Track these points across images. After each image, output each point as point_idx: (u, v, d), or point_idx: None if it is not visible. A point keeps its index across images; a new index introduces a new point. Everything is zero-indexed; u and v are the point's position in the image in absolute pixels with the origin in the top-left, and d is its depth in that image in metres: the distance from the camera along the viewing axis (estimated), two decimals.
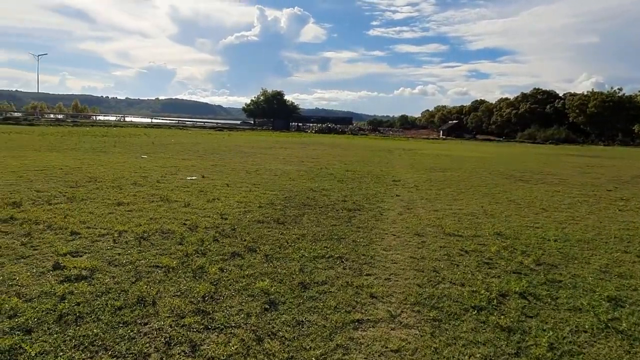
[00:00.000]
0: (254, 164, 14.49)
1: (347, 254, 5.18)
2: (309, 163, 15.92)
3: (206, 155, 17.31)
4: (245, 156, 17.59)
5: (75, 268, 4.14)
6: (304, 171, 13.19)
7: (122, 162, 13.15)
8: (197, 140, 28.56)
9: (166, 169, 12.07)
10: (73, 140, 21.65)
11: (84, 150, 16.34)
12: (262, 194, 8.82)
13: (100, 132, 32.32)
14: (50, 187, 8.11)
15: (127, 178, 9.83)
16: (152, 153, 16.87)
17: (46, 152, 14.76)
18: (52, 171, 10.17)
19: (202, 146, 22.49)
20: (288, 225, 6.46)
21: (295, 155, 19.55)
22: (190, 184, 9.63)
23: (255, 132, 54.84)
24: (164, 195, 8.00)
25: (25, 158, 12.61)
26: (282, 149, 23.48)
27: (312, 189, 9.90)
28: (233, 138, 34.48)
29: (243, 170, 12.75)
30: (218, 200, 7.94)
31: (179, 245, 5.13)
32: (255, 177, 11.36)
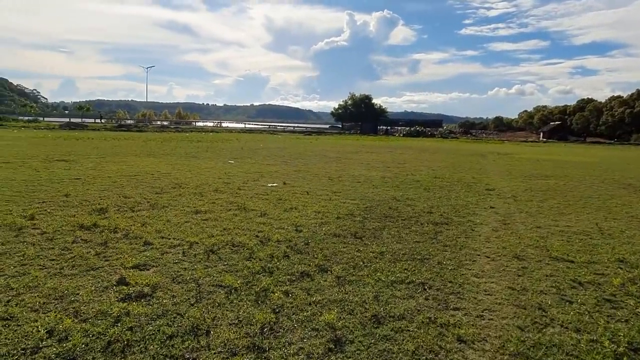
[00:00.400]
0: (337, 170, 14.12)
1: (431, 279, 4.50)
2: (394, 169, 15.18)
3: (291, 160, 17.32)
4: (329, 161, 17.31)
5: (138, 284, 3.98)
6: (389, 178, 12.51)
7: (210, 167, 13.51)
8: (284, 145, 29.04)
9: (250, 174, 12.13)
10: (170, 146, 23.02)
11: (177, 156, 17.18)
12: (341, 203, 8.35)
13: (196, 138, 34.25)
14: (137, 193, 8.39)
15: (210, 184, 9.95)
16: (240, 158, 17.26)
17: (143, 158, 15.71)
18: (143, 177, 10.64)
19: (289, 151, 22.70)
20: (366, 240, 5.90)
21: (381, 160, 18.87)
22: (270, 191, 9.47)
23: (342, 136, 54.85)
24: (241, 203, 7.86)
25: (124, 163, 13.46)
26: (368, 153, 22.91)
27: (396, 198, 9.22)
28: (320, 142, 34.62)
29: (325, 176, 12.42)
30: (295, 209, 7.62)
31: (247, 260, 4.82)
32: (336, 184, 10.95)
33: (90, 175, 10.49)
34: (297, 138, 42.62)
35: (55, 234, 5.47)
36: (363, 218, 7.20)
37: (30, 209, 6.70)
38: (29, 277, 4.05)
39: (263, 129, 69.62)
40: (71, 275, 4.17)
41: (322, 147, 27.60)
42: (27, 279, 3.99)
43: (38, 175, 10.23)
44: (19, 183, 8.99)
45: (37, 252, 4.75)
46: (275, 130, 67.54)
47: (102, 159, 14.54)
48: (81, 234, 5.50)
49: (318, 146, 28.17)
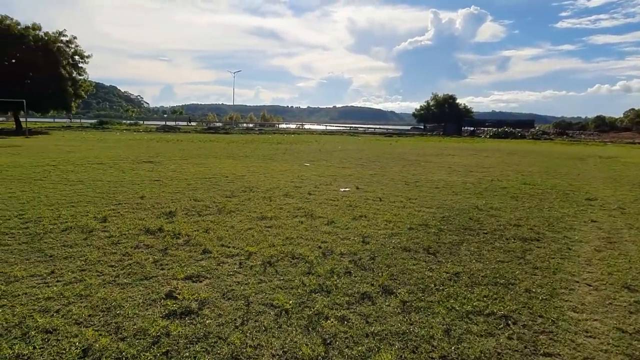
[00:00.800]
0: (414, 174, 13.35)
1: (517, 311, 3.78)
2: (478, 173, 14.03)
3: (367, 163, 16.79)
4: (407, 164, 16.52)
5: (186, 299, 3.76)
6: (471, 183, 11.51)
7: (284, 170, 13.43)
8: (362, 146, 28.53)
9: (323, 178, 11.83)
10: (251, 148, 23.57)
11: (255, 158, 17.43)
12: (416, 212, 7.70)
13: (277, 140, 34.93)
14: (208, 197, 8.41)
15: (281, 188, 9.77)
16: (316, 161, 17.08)
17: (223, 160, 16.10)
18: (218, 179, 10.77)
19: (366, 153, 22.17)
20: (440, 256, 5.26)
21: (464, 163, 17.66)
22: (341, 196, 9.05)
23: (424, 137, 52.96)
24: (309, 209, 7.53)
25: (203, 165, 13.84)
26: (450, 156, 21.65)
27: (478, 207, 8.35)
28: (399, 144, 33.62)
29: (402, 180, 11.74)
30: (365, 218, 7.13)
31: (305, 276, 4.44)
32: (413, 189, 10.25)
33: (169, 177, 10.83)
34: (377, 140, 41.86)
35: (121, 237, 5.52)
36: (439, 230, 6.51)
37: (106, 210, 6.93)
38: (83, 284, 4.01)
39: (343, 130, 69.56)
40: (124, 284, 4.07)
41: (401, 149, 26.69)
42: (81, 287, 3.94)
43: (123, 176, 10.77)
44: (104, 184, 9.48)
45: (99, 257, 4.76)
46: (355, 131, 67.16)
47: (184, 161, 15.12)
48: (145, 239, 5.49)
49: (397, 148, 27.30)
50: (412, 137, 54.45)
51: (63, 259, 4.68)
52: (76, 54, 42.59)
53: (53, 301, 3.65)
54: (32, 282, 4.03)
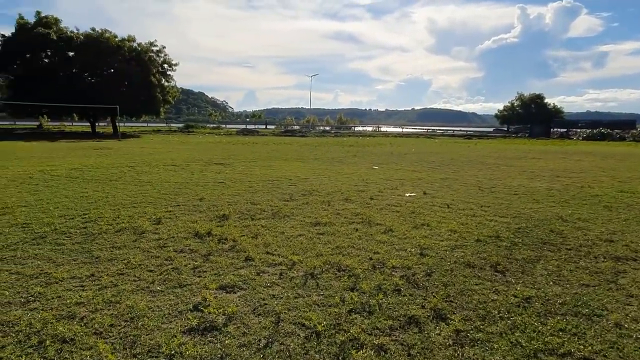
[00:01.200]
0: (491, 179, 12.27)
1: (602, 352, 3.05)
2: (565, 179, 12.59)
3: (440, 166, 15.84)
4: (484, 168, 15.33)
5: (214, 312, 3.49)
6: (556, 190, 10.28)
7: (350, 173, 13.02)
8: (438, 149, 27.27)
9: (389, 182, 11.24)
10: (322, 150, 23.45)
11: (323, 161, 17.20)
12: (487, 221, 6.91)
13: (350, 142, 34.61)
14: (266, 200, 8.24)
15: (343, 192, 9.37)
16: (385, 164, 16.46)
17: (291, 162, 16.06)
18: (280, 182, 10.62)
19: (441, 156, 21.07)
20: (510, 276, 4.54)
21: (550, 167, 16.04)
22: (405, 202, 8.45)
23: (507, 140, 49.67)
24: (368, 216, 7.05)
25: (270, 167, 13.84)
26: (535, 159, 19.86)
27: (562, 217, 7.32)
28: (479, 147, 31.72)
29: (475, 185, 10.81)
30: (427, 226, 6.50)
31: (347, 291, 3.99)
32: (487, 195, 9.34)
33: (233, 179, 10.89)
34: (455, 142, 39.98)
35: (168, 240, 5.45)
36: (511, 243, 5.72)
37: (163, 212, 6.99)
38: (116, 290, 3.91)
39: (420, 132, 67.58)
40: (156, 292, 3.90)
41: (480, 152, 25.09)
42: (113, 292, 3.84)
43: (190, 177, 11.02)
44: (170, 185, 9.72)
45: (141, 261, 4.69)
46: (433, 134, 64.94)
47: (253, 163, 15.28)
48: (191, 243, 5.37)
49: (475, 151, 25.71)
50: (493, 139, 51.37)
51: (107, 261, 4.67)
52: (165, 62, 45.63)
53: (81, 307, 3.56)
54: (69, 285, 4.01)
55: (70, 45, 39.74)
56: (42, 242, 5.26)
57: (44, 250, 4.97)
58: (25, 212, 6.73)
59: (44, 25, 39.07)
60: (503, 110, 71.30)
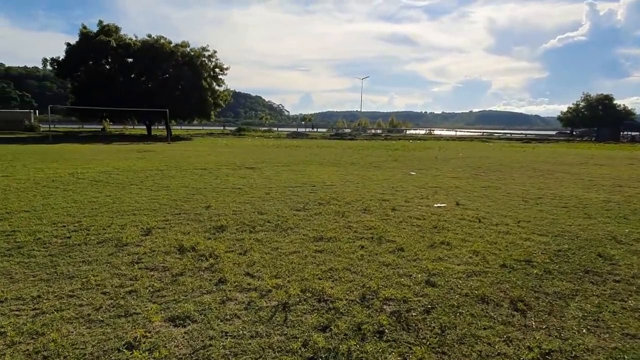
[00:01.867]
0: (540, 188, 10.98)
1: None
2: (629, 189, 11.02)
3: (485, 173, 14.57)
4: (535, 175, 13.90)
5: (144, 355, 2.91)
6: (615, 203, 8.90)
7: (383, 179, 12.17)
8: (489, 153, 25.56)
9: (422, 190, 10.31)
10: (363, 154, 22.63)
11: (360, 165, 16.41)
12: (521, 241, 5.90)
13: (396, 146, 33.43)
14: (275, 209, 7.64)
15: (364, 201, 8.60)
16: (425, 169, 15.40)
17: (326, 167, 15.41)
18: (302, 188, 10.00)
19: (490, 161, 19.60)
20: (532, 317, 3.63)
21: (613, 175, 14.29)
22: (431, 214, 7.54)
23: (569, 144, 46.16)
24: (381, 230, 6.26)
25: (300, 172, 13.27)
26: (597, 166, 17.93)
27: (616, 237, 6.15)
28: (536, 151, 29.51)
29: (519, 196, 9.64)
30: (446, 245, 5.62)
31: (317, 331, 3.29)
32: (530, 208, 8.21)
33: (255, 185, 10.41)
34: (510, 146, 37.61)
35: (145, 255, 4.98)
36: (544, 271, 4.74)
37: (159, 220, 6.58)
38: (52, 316, 3.44)
39: (475, 136, 64.63)
40: (95, 321, 3.39)
41: (535, 157, 23.20)
42: (45, 320, 3.37)
43: (211, 182, 10.67)
44: (187, 190, 9.39)
45: (101, 280, 4.22)
46: (489, 137, 61.88)
47: (285, 167, 14.80)
48: (168, 259, 4.86)
49: (530, 156, 23.81)
50: (555, 143, 48.01)
51: (66, 278, 4.24)
52: (216, 66, 46.59)
53: (0, 339, 3.10)
54: (6, 308, 3.59)
55: (129, 52, 41.53)
56: (15, 253, 4.95)
57: (10, 263, 4.63)
58: (22, 218, 6.55)
59: (105, 34, 41.11)
60: (567, 112, 66.52)
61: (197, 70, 42.78)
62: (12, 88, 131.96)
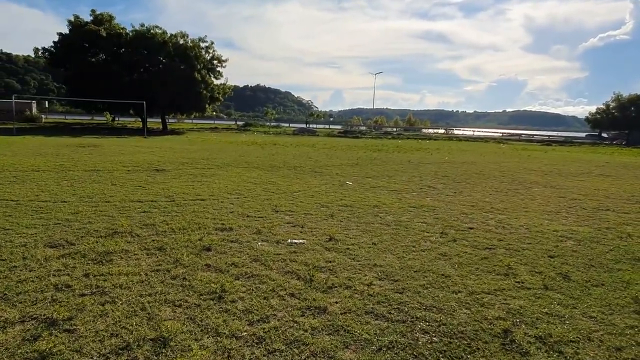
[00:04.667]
0: (491, 210, 8.08)
1: None
2: (614, 215, 7.99)
3: (442, 185, 11.61)
4: (505, 190, 10.89)
5: None
6: (575, 242, 5.93)
7: (292, 191, 9.48)
8: (481, 158, 22.27)
9: (318, 211, 7.61)
10: (331, 155, 19.87)
11: (298, 170, 13.68)
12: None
13: (389, 146, 30.32)
14: (32, 233, 5.10)
15: (190, 231, 5.97)
16: (374, 177, 12.55)
17: (249, 170, 12.78)
18: (140, 204, 7.43)
19: (468, 168, 16.49)
20: None
21: (608, 192, 11.07)
22: (272, 261, 4.86)
23: (593, 147, 41.78)
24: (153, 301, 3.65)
25: (196, 178, 10.70)
26: (601, 177, 14.56)
27: (514, 339, 3.34)
28: (546, 155, 25.89)
29: (448, 224, 6.81)
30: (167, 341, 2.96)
31: None
32: (430, 250, 5.41)
33: (92, 196, 7.92)
34: (523, 149, 33.88)
35: None
36: None
37: None
38: None
39: (494, 137, 60.38)
40: None
41: (534, 163, 19.85)
42: None
43: (65, 189, 8.25)
44: (52, 194, 6.98)
45: None
46: (508, 138, 57.61)
47: (201, 169, 12.27)
48: None
49: (530, 162, 20.45)
50: (578, 146, 43.70)
51: None
52: (214, 58, 44.48)
53: None
54: None
55: (120, 42, 39.87)
56: None
57: None
58: None
59: (97, 23, 39.55)
60: (595, 113, 61.09)
61: (191, 62, 40.70)
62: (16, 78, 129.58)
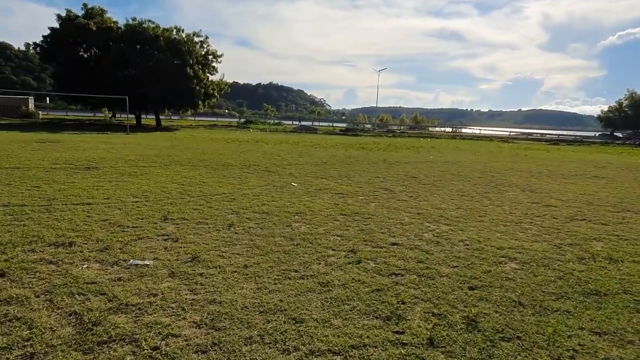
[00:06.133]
0: (436, 220, 6.71)
1: None
2: (586, 227, 6.55)
3: (404, 188, 10.23)
4: (471, 194, 9.47)
5: None
6: (524, 265, 4.56)
7: (199, 194, 8.21)
8: (470, 157, 20.71)
9: (215, 229, 6.30)
10: (310, 153, 18.55)
11: (251, 169, 12.40)
12: None
13: (377, 143, 28.86)
14: None
15: None
16: (327, 179, 11.21)
17: (185, 168, 11.53)
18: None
19: (447, 168, 15.04)
20: None
21: (595, 197, 9.55)
22: (68, 295, 3.59)
23: (601, 147, 39.66)
24: None
25: (108, 179, 9.47)
26: (595, 179, 12.98)
27: None
28: (545, 155, 24.16)
29: (384, 240, 5.46)
30: None
31: None
32: (341, 289, 4.10)
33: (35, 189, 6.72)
34: (527, 148, 32.09)
35: None
36: None
37: None
38: None
39: (499, 135, 58.24)
40: None
41: (526, 163, 18.26)
42: None
43: None
44: None
45: None
46: (515, 137, 55.50)
47: (136, 168, 11.05)
48: None
49: (522, 162, 18.85)
50: (588, 145, 41.60)
51: None
52: (209, 53, 43.38)
53: None
54: None
55: (110, 36, 38.93)
56: None
57: None
58: None
59: (88, 17, 38.70)
60: (607, 112, 58.47)
61: (183, 57, 39.57)
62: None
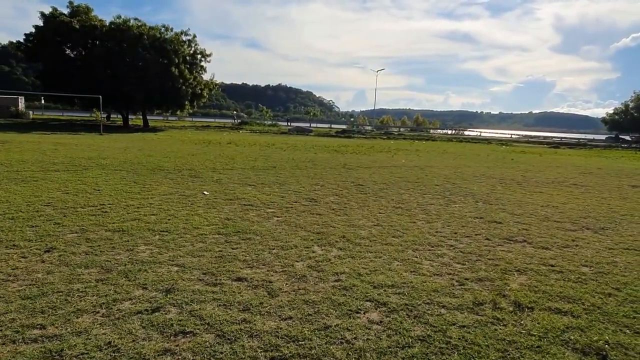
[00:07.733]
0: (341, 236, 5.31)
1: None
2: (528, 251, 5.12)
3: (336, 198, 8.83)
4: (409, 205, 8.04)
5: None
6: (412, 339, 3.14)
7: (64, 205, 6.87)
8: (450, 162, 19.23)
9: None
10: (277, 155, 17.19)
11: (176, 173, 11.06)
12: None
13: (364, 145, 27.42)
14: None
15: None
16: (262, 185, 9.84)
17: (108, 172, 10.21)
18: None
19: (411, 174, 13.60)
20: None
21: (559, 210, 8.09)
22: None
23: (602, 151, 37.84)
24: None
25: (28, 182, 8.17)
26: (575, 186, 11.44)
27: None
28: (540, 159, 22.60)
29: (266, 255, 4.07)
30: None
31: None
32: None
33: None
34: (522, 152, 30.47)
35: None
36: None
37: None
38: None
39: (500, 137, 56.37)
40: None
41: (507, 168, 16.72)
42: None
43: None
44: None
45: None
46: (516, 140, 53.66)
47: (44, 172, 9.77)
48: None
49: (506, 168, 17.31)
50: (589, 149, 39.75)
51: None
52: (197, 52, 42.26)
53: None
54: None
55: (94, 34, 37.91)
56: None
57: None
58: None
59: (72, 15, 37.75)
60: (613, 114, 56.25)
61: (168, 56, 38.39)
62: None
